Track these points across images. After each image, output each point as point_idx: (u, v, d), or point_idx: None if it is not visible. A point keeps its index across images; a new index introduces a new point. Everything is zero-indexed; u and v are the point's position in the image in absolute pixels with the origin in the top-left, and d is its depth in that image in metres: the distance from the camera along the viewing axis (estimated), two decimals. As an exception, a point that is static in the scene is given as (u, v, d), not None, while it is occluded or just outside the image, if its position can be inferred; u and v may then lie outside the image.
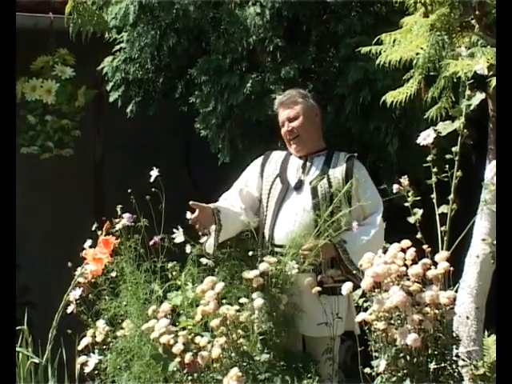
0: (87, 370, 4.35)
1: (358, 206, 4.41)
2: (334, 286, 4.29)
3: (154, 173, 4.51)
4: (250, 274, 4.20)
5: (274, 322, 4.19)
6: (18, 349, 4.17)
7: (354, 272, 4.20)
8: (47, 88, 6.36)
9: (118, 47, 6.20)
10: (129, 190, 4.49)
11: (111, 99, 6.26)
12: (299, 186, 4.54)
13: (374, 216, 4.48)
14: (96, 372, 4.37)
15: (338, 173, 4.50)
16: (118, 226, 4.47)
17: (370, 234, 4.40)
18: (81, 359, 4.38)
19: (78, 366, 4.39)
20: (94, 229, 4.46)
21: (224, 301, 4.16)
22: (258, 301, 4.13)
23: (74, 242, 4.45)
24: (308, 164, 4.60)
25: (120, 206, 4.52)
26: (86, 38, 5.62)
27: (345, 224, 4.34)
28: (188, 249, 4.43)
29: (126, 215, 4.52)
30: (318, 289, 4.24)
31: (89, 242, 4.34)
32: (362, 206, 4.41)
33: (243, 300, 4.15)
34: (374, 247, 4.00)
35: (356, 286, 3.90)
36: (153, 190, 4.38)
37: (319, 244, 4.29)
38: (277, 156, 4.72)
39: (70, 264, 4.36)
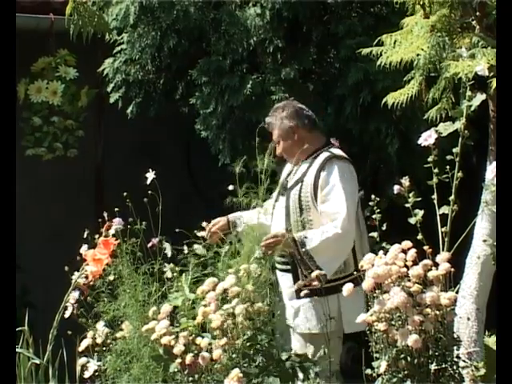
0: (87, 374, 4.35)
1: (320, 209, 4.44)
2: (326, 287, 4.27)
3: (150, 175, 4.50)
4: (226, 284, 4.14)
5: (254, 328, 4.13)
6: (18, 350, 4.16)
7: (315, 270, 4.22)
8: (53, 89, 6.36)
9: (118, 48, 6.20)
10: (125, 194, 4.47)
11: (112, 100, 6.27)
12: (284, 191, 4.64)
13: (336, 220, 4.40)
14: (96, 374, 4.36)
15: (310, 177, 4.52)
16: (110, 232, 4.44)
17: (331, 232, 4.37)
18: (81, 361, 4.38)
19: (78, 368, 4.39)
20: (85, 236, 4.46)
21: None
22: (239, 307, 4.06)
23: (74, 243, 4.44)
24: (294, 169, 4.67)
25: (117, 208, 4.50)
26: (86, 39, 5.61)
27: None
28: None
29: (116, 220, 4.48)
30: (306, 292, 4.24)
31: (85, 247, 4.32)
32: (324, 209, 4.42)
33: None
34: (334, 247, 4.11)
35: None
36: (153, 191, 4.38)
37: (278, 235, 4.40)
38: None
39: (66, 268, 4.35)
